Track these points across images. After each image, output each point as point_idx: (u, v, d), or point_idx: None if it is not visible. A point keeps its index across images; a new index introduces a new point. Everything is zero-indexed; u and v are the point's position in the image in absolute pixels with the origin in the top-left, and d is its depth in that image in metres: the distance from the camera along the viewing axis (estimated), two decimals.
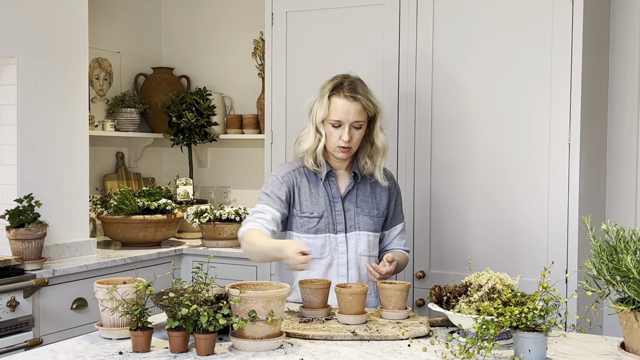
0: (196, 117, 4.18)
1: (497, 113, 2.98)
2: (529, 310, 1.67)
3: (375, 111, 2.43)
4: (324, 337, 1.94)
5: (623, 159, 3.34)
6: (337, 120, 2.37)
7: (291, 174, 2.45)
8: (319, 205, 2.43)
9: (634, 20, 3.31)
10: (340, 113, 2.36)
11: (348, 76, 2.44)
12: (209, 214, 3.77)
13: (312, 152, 2.42)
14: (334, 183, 2.46)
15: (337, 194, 2.46)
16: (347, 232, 2.45)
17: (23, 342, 2.87)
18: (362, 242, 2.46)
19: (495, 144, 2.99)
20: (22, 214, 2.99)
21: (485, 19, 2.99)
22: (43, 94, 3.22)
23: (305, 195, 2.43)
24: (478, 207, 3.02)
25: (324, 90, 2.41)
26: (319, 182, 2.45)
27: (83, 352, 1.80)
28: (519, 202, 2.94)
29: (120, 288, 1.90)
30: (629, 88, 3.33)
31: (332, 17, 3.29)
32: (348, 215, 2.46)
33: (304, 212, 2.42)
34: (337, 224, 2.44)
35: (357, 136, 2.40)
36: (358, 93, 2.38)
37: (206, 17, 4.56)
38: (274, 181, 2.44)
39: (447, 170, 3.07)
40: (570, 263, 2.83)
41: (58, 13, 3.29)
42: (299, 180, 2.44)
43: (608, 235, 1.64)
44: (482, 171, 3.01)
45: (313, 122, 2.41)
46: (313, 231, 2.41)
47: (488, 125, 3.00)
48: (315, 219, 2.42)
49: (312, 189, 2.44)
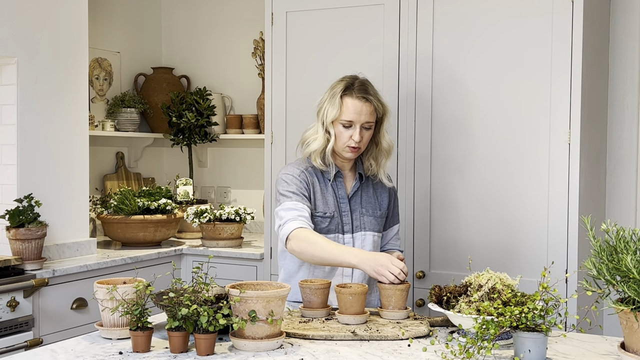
0: (196, 117, 4.18)
1: (497, 113, 2.98)
2: (529, 310, 1.67)
3: (384, 112, 2.44)
4: (324, 337, 1.94)
5: (623, 159, 3.34)
6: (349, 120, 2.36)
7: (304, 173, 2.44)
8: (329, 205, 2.43)
9: (634, 20, 3.31)
10: (353, 113, 2.36)
11: (357, 77, 2.44)
12: (209, 214, 3.77)
13: (320, 152, 2.42)
14: (342, 184, 2.47)
15: (345, 194, 2.46)
16: (354, 233, 2.46)
17: (23, 342, 2.87)
18: (367, 242, 2.47)
19: (495, 144, 2.99)
20: (22, 214, 2.99)
21: (485, 19, 2.99)
22: (43, 94, 3.22)
23: (317, 195, 2.43)
24: (478, 206, 3.02)
25: (335, 90, 2.40)
26: (327, 182, 2.45)
27: (83, 352, 1.80)
28: (519, 202, 2.94)
29: (120, 288, 1.90)
30: (629, 88, 3.33)
31: (332, 17, 3.29)
32: (354, 215, 2.47)
33: (318, 211, 2.42)
34: (344, 224, 2.45)
35: (367, 137, 2.41)
36: (369, 94, 2.39)
37: (206, 17, 4.56)
38: (292, 180, 2.41)
39: (447, 170, 3.07)
40: (570, 263, 2.83)
41: (58, 13, 3.29)
42: (311, 179, 2.44)
43: (608, 235, 1.64)
44: (482, 171, 3.01)
45: (323, 122, 2.40)
46: (325, 231, 2.41)
47: (488, 126, 3.00)
48: (327, 219, 2.42)
49: (322, 189, 2.44)
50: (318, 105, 2.45)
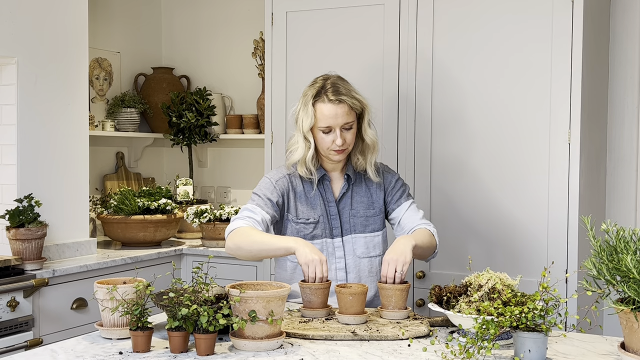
0: (196, 117, 4.18)
1: (497, 113, 2.98)
2: (529, 310, 1.67)
3: (362, 107, 2.36)
4: (324, 337, 1.94)
5: (623, 159, 3.34)
6: (327, 126, 2.31)
7: (286, 179, 2.40)
8: (315, 210, 2.39)
9: (634, 20, 3.31)
10: (328, 119, 2.30)
11: (328, 77, 2.38)
12: (209, 214, 3.77)
13: (303, 161, 2.37)
14: (329, 187, 2.43)
15: (332, 197, 2.42)
16: (344, 236, 2.42)
17: (23, 342, 2.87)
18: (359, 245, 2.43)
19: (495, 144, 2.99)
20: (22, 214, 2.99)
21: (485, 19, 2.99)
22: (43, 94, 3.22)
23: (301, 200, 2.39)
24: (478, 206, 3.02)
25: (307, 98, 2.34)
26: (313, 186, 2.41)
27: (83, 352, 1.80)
28: (519, 202, 2.94)
29: (120, 288, 1.90)
30: (629, 88, 3.33)
31: (332, 16, 3.29)
32: (343, 218, 2.43)
33: (300, 218, 2.39)
34: (333, 228, 2.41)
35: (350, 136, 2.35)
36: (342, 94, 2.31)
37: (206, 17, 4.56)
38: (267, 184, 2.40)
39: (447, 169, 3.07)
40: (570, 263, 2.83)
41: (58, 13, 3.29)
42: (294, 184, 2.40)
43: (608, 235, 1.64)
44: (482, 171, 3.01)
45: (301, 132, 2.35)
46: (309, 237, 2.38)
47: (488, 125, 3.00)
48: (311, 225, 2.39)
49: (307, 194, 2.40)
50: (294, 115, 2.39)
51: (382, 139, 3.11)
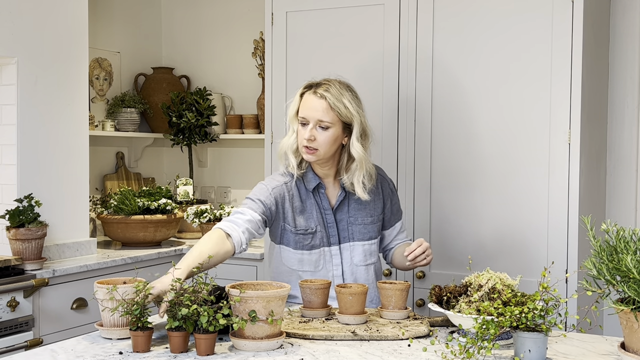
0: (196, 117, 4.18)
1: (497, 113, 2.98)
2: (529, 310, 1.67)
3: (350, 117, 2.30)
4: (324, 337, 1.94)
5: (623, 159, 3.34)
6: (303, 117, 2.32)
7: (282, 187, 2.37)
8: (312, 219, 2.38)
9: (634, 20, 3.31)
10: (306, 109, 2.31)
11: (330, 79, 2.36)
12: (209, 214, 3.77)
13: (288, 148, 2.37)
14: (324, 195, 2.40)
15: (328, 205, 2.40)
16: (341, 244, 2.41)
17: (23, 342, 2.87)
18: (357, 253, 2.42)
19: (495, 144, 2.98)
20: (22, 214, 2.99)
21: (485, 20, 2.99)
22: (43, 94, 3.22)
23: (297, 210, 2.37)
24: (478, 207, 3.02)
25: (300, 89, 2.39)
26: (309, 194, 2.39)
27: (83, 352, 1.80)
28: (518, 202, 2.94)
29: (120, 288, 1.90)
30: (629, 88, 3.33)
31: (332, 17, 3.29)
32: (341, 226, 2.41)
33: (299, 228, 2.36)
34: (330, 237, 2.40)
35: (323, 138, 2.28)
36: (329, 93, 2.29)
37: (206, 17, 4.56)
38: (261, 189, 2.37)
39: (447, 170, 3.07)
40: (570, 263, 2.83)
41: (58, 13, 3.29)
42: (291, 194, 2.37)
43: (608, 235, 1.64)
44: (482, 171, 3.01)
45: (287, 118, 2.40)
46: (308, 247, 2.37)
47: (488, 126, 3.00)
48: (309, 235, 2.37)
49: (304, 203, 2.38)
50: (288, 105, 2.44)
51: (382, 139, 3.11)
